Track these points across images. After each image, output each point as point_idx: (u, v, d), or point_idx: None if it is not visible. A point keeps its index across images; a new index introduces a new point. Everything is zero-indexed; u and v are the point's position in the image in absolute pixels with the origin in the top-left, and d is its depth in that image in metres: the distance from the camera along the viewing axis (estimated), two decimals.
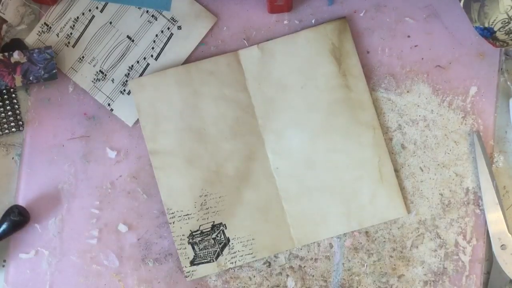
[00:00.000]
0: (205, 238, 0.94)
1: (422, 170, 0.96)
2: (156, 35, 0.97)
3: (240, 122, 0.95)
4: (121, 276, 0.96)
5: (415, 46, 0.96)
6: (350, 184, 0.94)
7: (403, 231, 0.95)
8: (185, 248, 0.94)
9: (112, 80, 0.97)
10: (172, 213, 0.94)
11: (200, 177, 0.94)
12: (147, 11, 0.97)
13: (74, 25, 0.97)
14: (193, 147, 0.95)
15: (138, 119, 0.96)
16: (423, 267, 0.95)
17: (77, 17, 0.97)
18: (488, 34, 0.84)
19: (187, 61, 0.97)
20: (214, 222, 0.94)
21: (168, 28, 0.97)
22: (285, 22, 0.97)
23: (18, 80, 0.94)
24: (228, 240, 0.94)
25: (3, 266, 0.96)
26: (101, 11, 0.97)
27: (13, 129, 0.96)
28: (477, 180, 0.95)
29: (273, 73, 0.95)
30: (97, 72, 0.97)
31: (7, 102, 0.96)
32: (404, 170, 0.95)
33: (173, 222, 0.94)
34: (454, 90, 0.96)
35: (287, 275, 0.95)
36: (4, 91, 0.96)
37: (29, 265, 0.95)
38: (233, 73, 0.95)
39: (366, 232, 0.95)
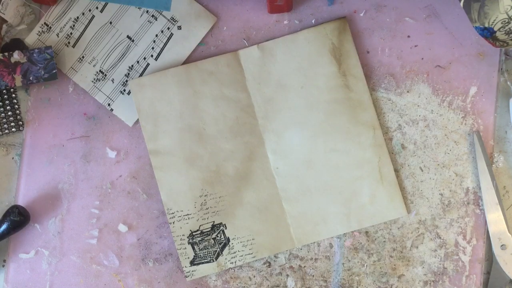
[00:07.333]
0: (205, 238, 0.94)
1: (422, 170, 0.95)
2: (156, 35, 0.97)
3: (240, 122, 0.95)
4: (121, 276, 0.96)
5: (415, 46, 0.96)
6: (350, 184, 0.94)
7: (403, 231, 0.95)
8: (185, 248, 0.94)
9: (112, 80, 0.97)
10: (172, 213, 0.94)
11: (200, 177, 0.94)
12: (147, 11, 0.97)
13: (74, 25, 0.97)
14: (193, 147, 0.95)
15: (138, 119, 0.96)
16: (423, 267, 0.95)
17: (77, 17, 0.97)
18: (488, 34, 0.84)
19: (187, 61, 0.97)
20: (214, 222, 0.94)
21: (168, 28, 0.97)
22: (285, 22, 0.97)
23: (18, 80, 0.94)
24: (228, 240, 0.94)
25: (3, 266, 0.96)
26: (101, 11, 0.97)
27: (13, 129, 0.96)
28: (477, 180, 0.95)
29: (273, 73, 0.95)
30: (97, 72, 0.97)
31: (7, 102, 0.96)
32: (404, 170, 0.95)
33: (173, 222, 0.94)
34: (454, 90, 0.96)
35: (287, 275, 0.95)
36: (4, 91, 0.96)
37: (29, 265, 0.95)
38: (233, 73, 0.95)
39: (366, 232, 0.95)
